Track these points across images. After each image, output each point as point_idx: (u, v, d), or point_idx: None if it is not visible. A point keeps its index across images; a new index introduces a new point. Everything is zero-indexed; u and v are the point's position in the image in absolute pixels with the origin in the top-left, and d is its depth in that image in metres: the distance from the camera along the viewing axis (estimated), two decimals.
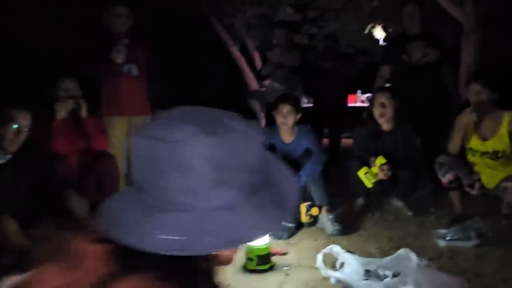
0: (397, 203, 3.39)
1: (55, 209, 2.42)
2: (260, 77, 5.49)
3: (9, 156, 2.34)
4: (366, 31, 6.60)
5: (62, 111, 3.00)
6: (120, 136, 3.43)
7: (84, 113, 3.05)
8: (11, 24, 4.37)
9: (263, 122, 6.77)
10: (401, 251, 2.29)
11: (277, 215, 0.64)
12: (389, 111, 3.27)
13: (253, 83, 7.50)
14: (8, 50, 4.31)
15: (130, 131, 3.48)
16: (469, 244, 2.65)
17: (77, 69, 3.27)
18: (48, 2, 4.50)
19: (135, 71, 3.38)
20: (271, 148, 3.16)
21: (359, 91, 7.03)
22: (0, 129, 2.33)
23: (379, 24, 6.47)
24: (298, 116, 3.29)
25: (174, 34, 5.82)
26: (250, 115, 6.89)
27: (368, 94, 6.82)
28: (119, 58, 3.28)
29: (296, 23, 6.50)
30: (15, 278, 0.63)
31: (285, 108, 3.24)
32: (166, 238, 0.57)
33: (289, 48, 4.80)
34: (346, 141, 5.49)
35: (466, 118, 2.98)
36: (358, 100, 7.01)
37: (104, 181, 3.03)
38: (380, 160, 3.16)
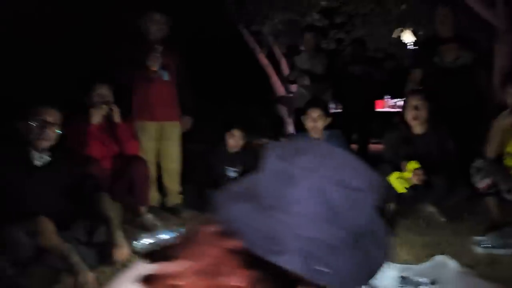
0: (430, 208, 3.30)
1: (88, 211, 2.46)
2: (288, 81, 5.49)
3: (47, 159, 2.38)
4: (395, 35, 6.52)
5: (96, 116, 3.06)
6: (151, 141, 3.48)
7: (117, 118, 3.10)
8: (45, 31, 4.50)
9: (290, 127, 6.76)
10: (438, 257, 2.23)
11: (381, 255, 0.66)
12: (422, 114, 3.20)
13: (280, 89, 7.51)
14: (44, 56, 4.44)
15: (161, 136, 3.52)
16: (509, 252, 2.55)
17: (110, 75, 3.33)
18: (81, 9, 4.62)
19: (166, 76, 3.40)
20: None
21: (387, 96, 6.95)
22: (24, 123, 2.30)
23: (407, 28, 6.39)
24: (328, 120, 3.26)
25: (203, 41, 5.88)
26: (278, 121, 6.89)
27: (397, 99, 6.73)
28: (155, 66, 3.30)
29: (324, 28, 6.48)
30: (153, 266, 0.62)
31: (315, 113, 3.21)
32: (323, 270, 0.59)
33: (316, 53, 4.78)
34: (374, 147, 5.42)
35: (504, 121, 2.89)
36: (386, 105, 6.94)
37: (135, 185, 3.08)
38: (413, 164, 3.09)
